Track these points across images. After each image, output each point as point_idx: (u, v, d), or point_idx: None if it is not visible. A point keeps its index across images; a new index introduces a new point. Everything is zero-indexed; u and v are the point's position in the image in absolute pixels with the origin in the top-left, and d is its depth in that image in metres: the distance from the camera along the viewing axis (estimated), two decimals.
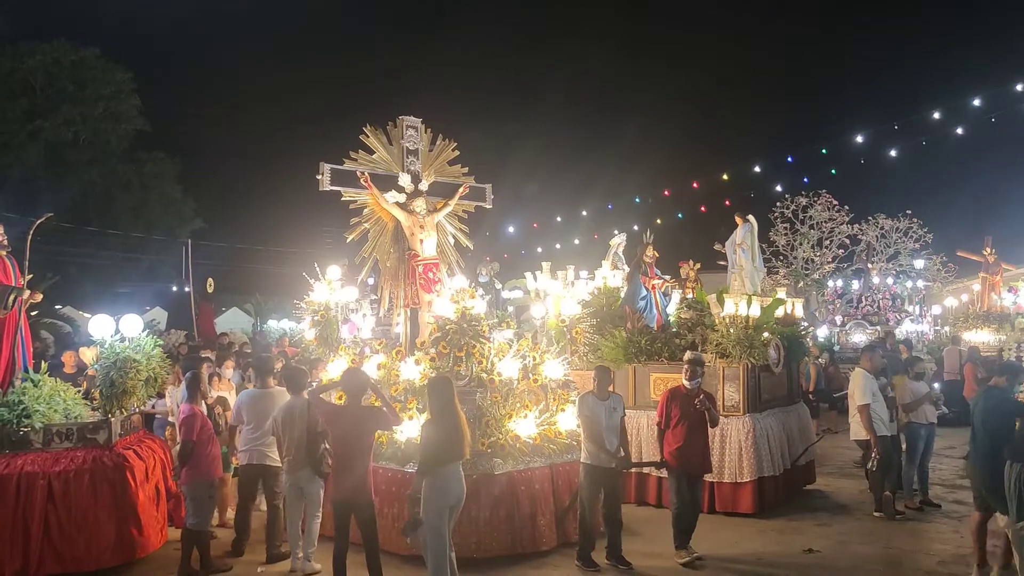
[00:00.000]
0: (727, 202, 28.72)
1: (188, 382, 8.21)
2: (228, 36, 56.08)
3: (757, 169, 32.94)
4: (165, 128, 39.43)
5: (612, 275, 12.83)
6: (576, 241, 35.65)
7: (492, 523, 8.09)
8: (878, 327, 23.15)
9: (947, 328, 22.47)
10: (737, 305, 10.30)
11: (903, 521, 9.62)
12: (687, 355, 8.69)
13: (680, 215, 34.79)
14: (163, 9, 44.60)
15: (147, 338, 8.74)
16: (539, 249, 34.34)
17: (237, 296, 38.39)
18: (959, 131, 28.19)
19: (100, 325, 8.55)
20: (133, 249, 35.88)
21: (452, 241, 10.82)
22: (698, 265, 15.65)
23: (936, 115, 27.85)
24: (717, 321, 10.55)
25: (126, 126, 35.32)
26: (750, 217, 12.79)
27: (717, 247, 14.02)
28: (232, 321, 33.81)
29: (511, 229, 36.84)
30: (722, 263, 13.62)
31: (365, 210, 10.19)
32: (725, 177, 32.71)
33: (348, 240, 10.16)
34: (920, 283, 32.18)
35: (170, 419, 10.15)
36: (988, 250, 21.08)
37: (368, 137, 10.18)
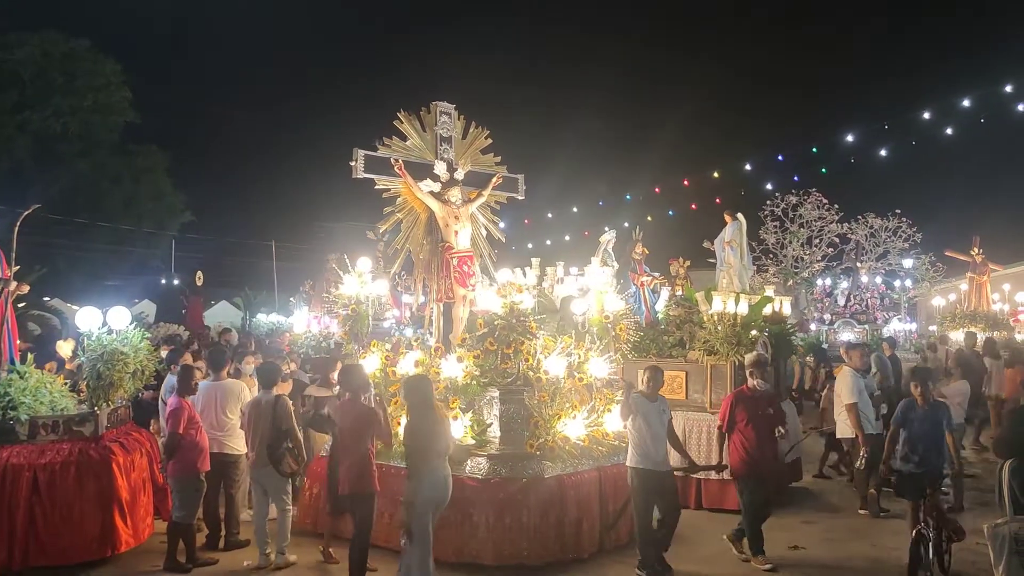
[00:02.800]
0: (717, 200, 28.79)
1: (179, 375, 8.26)
2: (218, 29, 55.83)
3: (748, 167, 33.10)
4: (155, 121, 39.28)
5: (601, 272, 12.83)
6: (567, 237, 35.70)
7: (541, 529, 7.76)
8: (866, 326, 23.25)
9: (934, 327, 22.59)
10: (725, 303, 10.33)
11: (887, 519, 9.67)
12: (751, 356, 8.43)
13: (671, 212, 34.89)
14: (154, 1, 44.38)
15: (134, 331, 8.72)
16: (529, 245, 34.37)
17: (226, 290, 38.28)
18: (949, 131, 28.39)
19: (88, 317, 8.53)
20: (122, 242, 35.71)
21: (484, 233, 10.43)
22: (687, 262, 15.67)
23: (926, 115, 28.05)
24: (705, 318, 10.57)
25: (116, 118, 35.10)
26: (739, 215, 12.83)
27: (706, 245, 14.05)
28: (221, 314, 33.66)
29: (502, 225, 36.80)
30: (711, 260, 13.66)
31: (398, 199, 9.81)
32: (716, 175, 32.84)
33: (381, 231, 9.98)
34: (908, 282, 32.35)
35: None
36: (976, 250, 21.17)
37: (402, 123, 9.81)
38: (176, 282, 29.60)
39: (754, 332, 10.44)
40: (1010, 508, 5.58)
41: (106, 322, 8.55)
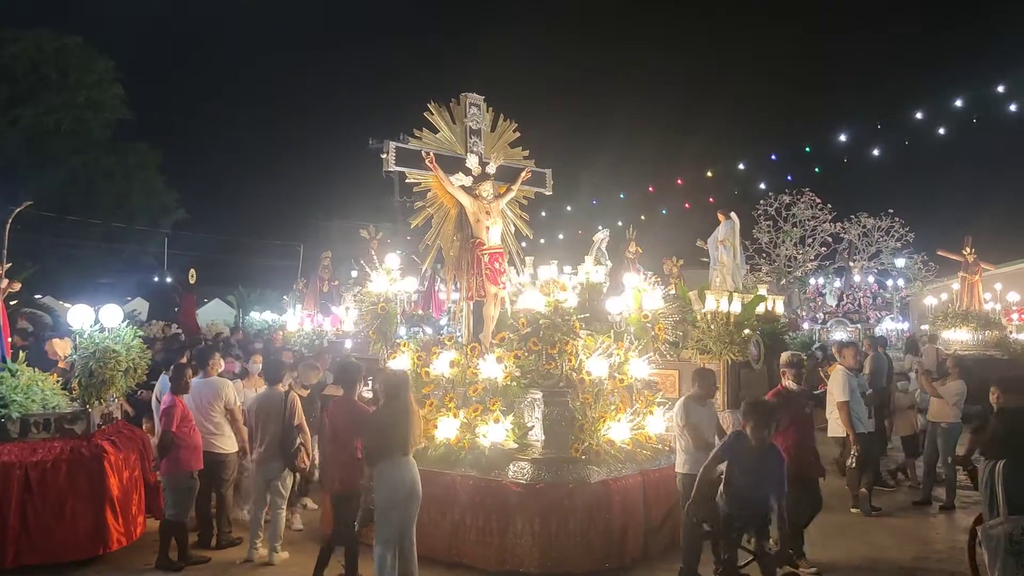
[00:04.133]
0: (711, 199, 28.86)
1: (173, 373, 8.25)
2: (212, 26, 55.66)
3: (741, 167, 33.19)
4: (149, 118, 39.21)
5: (595, 270, 12.85)
6: (560, 236, 35.71)
7: (589, 536, 7.45)
8: (858, 325, 23.30)
9: (926, 326, 22.66)
10: (719, 301, 10.36)
11: (879, 517, 9.70)
12: (786, 356, 8.21)
13: (664, 211, 34.94)
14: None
15: (127, 328, 8.70)
16: (523, 244, 34.33)
17: (219, 287, 38.25)
18: (941, 132, 28.49)
19: (80, 315, 8.50)
20: (115, 239, 35.64)
21: (513, 230, 10.14)
22: (681, 261, 15.74)
23: (918, 115, 28.15)
24: (699, 317, 10.59)
25: (109, 115, 34.99)
26: (732, 214, 12.85)
27: (700, 244, 14.08)
28: (214, 312, 33.68)
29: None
30: (705, 260, 13.68)
31: (428, 194, 9.49)
32: (709, 174, 32.91)
33: (412, 226, 9.60)
34: (901, 282, 32.46)
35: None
36: (968, 250, 21.23)
37: (432, 114, 9.49)
38: (169, 280, 29.52)
39: (747, 331, 10.47)
40: (1004, 509, 5.57)
41: (98, 320, 8.53)
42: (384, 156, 9.08)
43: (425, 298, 22.86)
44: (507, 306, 9.47)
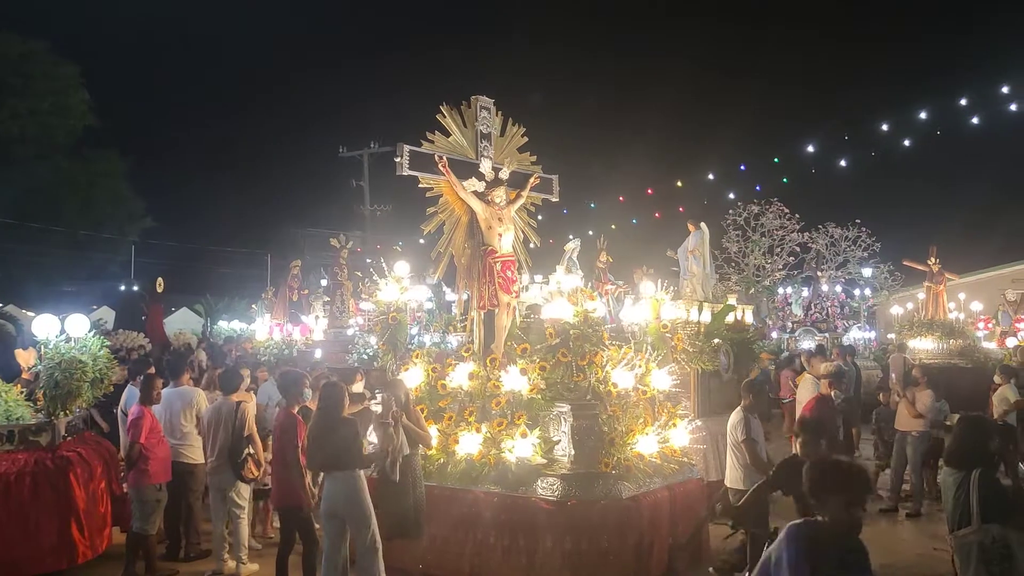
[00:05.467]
0: (680, 209, 29.03)
1: (143, 383, 8.19)
2: (180, 33, 55.33)
3: (710, 177, 33.45)
4: (115, 125, 38.81)
5: (566, 279, 12.87)
6: (532, 245, 35.71)
7: (620, 553, 7.17)
8: (826, 334, 23.53)
9: (892, 335, 22.91)
10: (688, 311, 10.40)
11: None
12: (829, 366, 8.16)
13: (634, 220, 35.10)
14: (114, 3, 43.82)
15: (93, 338, 8.59)
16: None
17: (187, 296, 37.87)
18: (907, 143, 28.96)
19: (45, 325, 8.38)
20: (80, 247, 35.18)
21: (521, 237, 9.79)
22: (651, 271, 15.78)
23: (884, 127, 28.59)
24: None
25: (74, 122, 34.59)
26: (702, 224, 12.96)
27: (670, 254, 14.18)
28: (182, 321, 33.31)
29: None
30: (675, 269, 13.77)
31: (440, 199, 9.16)
32: (679, 184, 33.14)
33: (425, 232, 9.30)
34: (867, 291, 32.82)
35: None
36: (932, 260, 21.53)
37: (444, 117, 9.15)
38: (136, 288, 29.17)
39: (716, 340, 10.53)
40: (977, 517, 5.61)
41: (64, 330, 8.41)
42: (397, 160, 8.71)
43: None
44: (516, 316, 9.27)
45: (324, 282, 23.43)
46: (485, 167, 9.23)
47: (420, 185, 8.95)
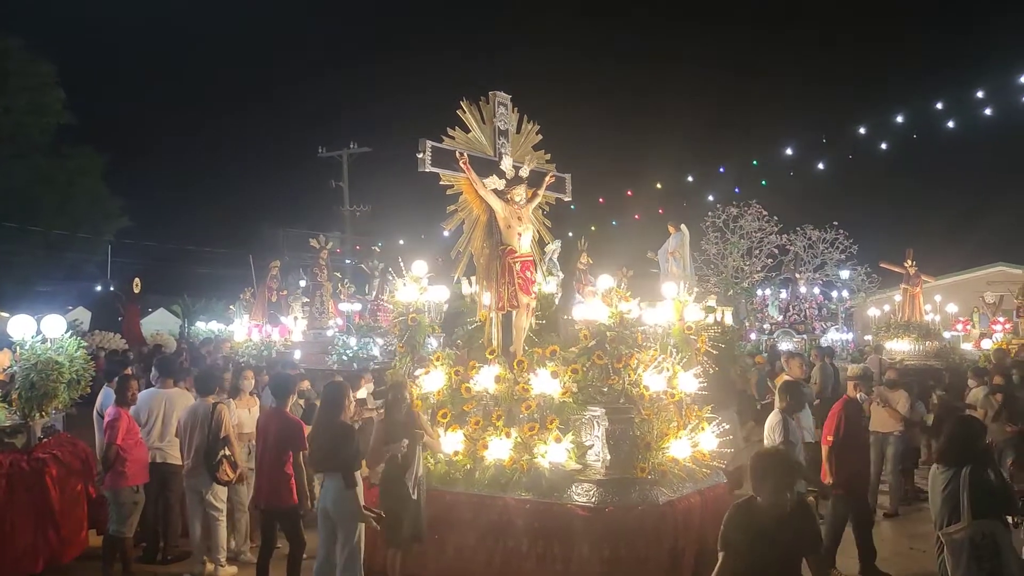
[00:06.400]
0: (660, 210, 29.17)
1: (118, 385, 8.10)
2: (158, 31, 54.94)
3: (690, 179, 33.65)
4: (92, 124, 38.48)
5: (546, 281, 12.89)
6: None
7: (658, 559, 7.01)
8: (804, 335, 23.68)
9: (870, 337, 23.12)
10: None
11: (821, 525, 9.82)
12: (856, 368, 8.20)
13: (614, 223, 35.20)
14: (89, 3, 43.47)
15: (70, 339, 8.50)
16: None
17: (165, 297, 37.58)
18: (884, 146, 29.27)
19: (20, 325, 8.28)
20: (56, 246, 34.77)
21: (536, 237, 9.58)
22: (631, 272, 15.85)
23: (862, 130, 28.88)
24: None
25: (50, 120, 34.16)
26: (682, 226, 13.02)
27: (650, 255, 14.23)
28: (159, 322, 33.10)
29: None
30: (655, 271, 13.83)
31: (460, 197, 8.89)
32: (659, 186, 33.29)
33: (445, 232, 9.12)
34: (845, 293, 33.08)
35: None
36: (909, 262, 21.74)
37: (464, 112, 8.92)
38: (112, 289, 28.91)
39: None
40: (967, 514, 5.71)
41: (40, 330, 8.32)
42: (420, 156, 8.42)
43: (375, 307, 22.76)
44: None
45: (303, 283, 23.30)
46: (506, 164, 8.98)
47: (441, 182, 8.71)
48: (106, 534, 7.83)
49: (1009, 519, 5.95)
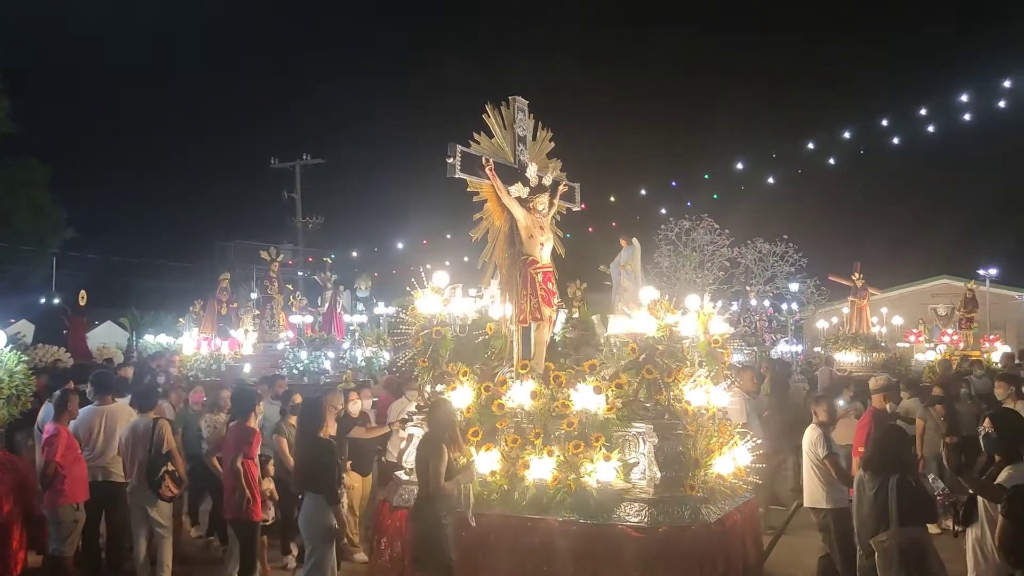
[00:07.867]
0: (613, 224, 29.33)
1: (57, 400, 7.89)
2: (105, 39, 53.99)
3: (643, 192, 33.91)
4: (37, 134, 37.68)
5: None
6: (466, 259, 35.67)
7: None
8: (755, 347, 23.93)
9: (819, 349, 23.47)
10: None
11: (767, 535, 9.88)
12: (881, 380, 8.13)
13: (568, 235, 35.30)
14: (36, 8, 42.63)
15: (10, 353, 8.27)
16: (427, 265, 34.17)
17: (112, 310, 36.83)
18: (831, 161, 29.82)
19: None
20: None
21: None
22: (584, 285, 15.90)
23: (810, 146, 29.40)
24: (602, 341, 10.69)
25: None
26: (634, 240, 13.08)
27: (603, 268, 14.27)
28: (106, 335, 32.41)
29: (400, 245, 36.79)
30: (607, 283, 13.87)
31: (485, 205, 8.58)
32: (612, 199, 33.50)
33: (473, 240, 8.71)
34: (795, 305, 33.55)
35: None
36: (856, 275, 22.14)
37: (488, 116, 8.60)
38: (57, 301, 28.26)
39: None
40: (895, 521, 5.85)
41: None
42: (450, 161, 8.03)
43: (327, 320, 22.56)
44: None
45: (254, 295, 23.02)
46: (531, 172, 8.67)
47: (468, 189, 8.42)
48: (46, 554, 7.61)
49: (950, 526, 6.11)
